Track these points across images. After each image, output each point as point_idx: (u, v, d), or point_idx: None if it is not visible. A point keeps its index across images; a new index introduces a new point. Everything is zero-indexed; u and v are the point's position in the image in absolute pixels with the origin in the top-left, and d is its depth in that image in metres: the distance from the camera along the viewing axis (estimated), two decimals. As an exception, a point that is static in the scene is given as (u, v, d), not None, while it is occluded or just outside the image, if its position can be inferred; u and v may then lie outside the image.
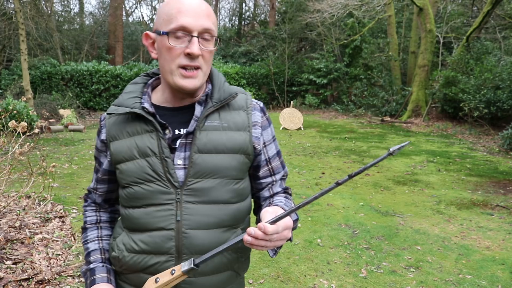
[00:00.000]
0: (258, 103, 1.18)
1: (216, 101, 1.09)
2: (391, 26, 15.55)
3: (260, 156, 1.16)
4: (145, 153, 1.06)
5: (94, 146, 1.21)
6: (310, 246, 3.66)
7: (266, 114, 1.19)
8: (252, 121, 1.13)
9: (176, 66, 1.02)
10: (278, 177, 1.21)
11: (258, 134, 1.14)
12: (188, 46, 1.00)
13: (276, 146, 1.21)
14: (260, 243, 0.90)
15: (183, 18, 0.99)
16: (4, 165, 3.95)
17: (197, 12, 1.00)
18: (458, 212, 4.66)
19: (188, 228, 1.04)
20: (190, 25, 0.99)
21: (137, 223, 1.08)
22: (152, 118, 1.06)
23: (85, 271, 1.17)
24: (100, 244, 1.19)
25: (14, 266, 2.97)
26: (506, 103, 9.89)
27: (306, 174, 6.41)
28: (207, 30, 1.01)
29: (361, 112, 14.94)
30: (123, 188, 1.11)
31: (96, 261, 1.16)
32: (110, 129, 1.11)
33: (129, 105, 1.08)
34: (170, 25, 1.00)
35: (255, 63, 18.77)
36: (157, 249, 1.05)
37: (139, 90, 1.14)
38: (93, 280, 1.12)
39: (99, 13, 23.04)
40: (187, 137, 1.06)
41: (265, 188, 1.20)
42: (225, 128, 1.08)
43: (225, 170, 1.07)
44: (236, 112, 1.12)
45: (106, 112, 1.15)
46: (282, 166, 1.23)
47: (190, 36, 1.00)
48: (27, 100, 10.00)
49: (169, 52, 1.02)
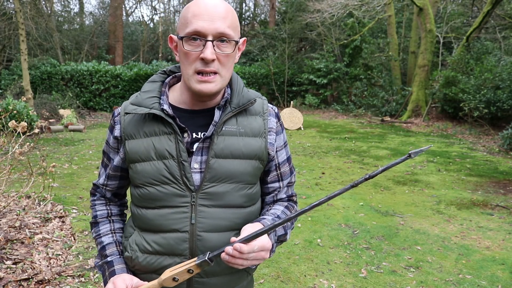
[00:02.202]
0: (273, 108, 1.19)
1: (234, 106, 1.09)
2: (391, 26, 15.55)
3: (271, 161, 1.17)
4: (162, 155, 1.05)
5: (105, 140, 1.20)
6: (310, 246, 3.66)
7: (280, 119, 1.19)
8: (268, 127, 1.14)
9: (193, 71, 1.02)
10: (285, 183, 1.22)
11: (273, 140, 1.15)
12: (202, 51, 0.99)
13: (287, 152, 1.22)
14: (237, 261, 0.94)
15: (197, 22, 0.98)
16: (4, 165, 3.95)
17: (212, 16, 0.98)
18: (458, 212, 4.66)
19: (202, 231, 1.05)
20: (203, 29, 0.98)
21: (150, 224, 1.08)
22: (172, 120, 1.05)
23: (101, 264, 1.16)
24: (114, 237, 1.19)
25: (14, 266, 2.97)
26: (506, 103, 9.89)
27: (306, 174, 6.41)
28: (222, 34, 0.99)
29: (361, 112, 14.94)
30: (136, 188, 1.10)
31: (113, 254, 1.16)
32: (126, 127, 1.10)
33: (148, 105, 1.07)
34: (186, 29, 1.00)
35: (255, 63, 18.76)
36: (171, 251, 1.06)
37: (157, 89, 1.13)
38: (112, 272, 1.12)
39: (99, 13, 23.06)
40: (204, 141, 1.06)
41: (271, 193, 1.21)
42: (242, 133, 1.09)
43: (240, 176, 1.08)
44: (253, 117, 1.12)
45: (121, 108, 1.14)
46: (291, 172, 1.23)
47: (205, 41, 0.99)
48: (27, 100, 10.00)
49: (185, 57, 1.02)
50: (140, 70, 15.06)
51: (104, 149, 1.20)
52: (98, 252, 1.19)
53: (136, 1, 25.51)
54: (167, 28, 23.72)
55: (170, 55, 21.26)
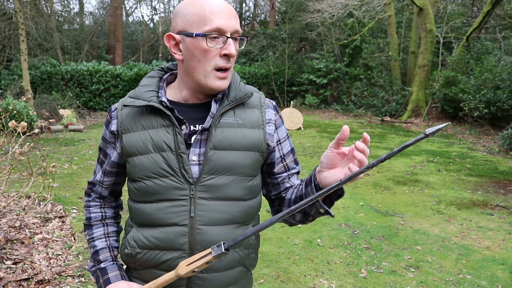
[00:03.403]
0: (271, 102, 1.19)
1: (232, 99, 1.09)
2: (391, 26, 15.55)
3: (274, 153, 1.17)
4: (160, 148, 1.05)
5: (101, 137, 1.19)
6: (310, 246, 3.66)
7: (278, 112, 1.20)
8: (266, 119, 1.14)
9: (212, 68, 1.03)
10: (292, 172, 1.22)
11: (272, 131, 1.14)
12: (225, 47, 1.01)
13: (290, 144, 1.22)
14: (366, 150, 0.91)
15: (218, 19, 0.99)
16: (4, 165, 3.95)
17: (228, 13, 1.01)
18: (458, 212, 4.66)
19: (202, 224, 1.04)
20: (224, 26, 1.00)
21: (148, 218, 1.07)
22: (170, 112, 1.05)
23: (95, 270, 1.16)
24: (108, 241, 1.19)
25: (14, 266, 2.97)
26: (506, 103, 9.89)
27: (306, 174, 6.41)
28: (237, 31, 1.03)
29: (361, 112, 14.94)
30: (134, 182, 1.09)
31: (107, 260, 1.16)
32: (123, 121, 1.10)
33: (146, 98, 1.08)
34: (205, 27, 1.00)
35: (255, 63, 18.75)
36: (170, 245, 1.05)
37: (155, 84, 1.13)
38: (107, 280, 1.12)
39: (99, 13, 23.06)
40: (202, 133, 1.06)
41: (284, 180, 1.20)
42: (240, 125, 1.09)
43: (239, 167, 1.07)
44: (250, 110, 1.13)
45: (118, 103, 1.14)
46: (296, 163, 1.24)
47: (225, 37, 1.01)
48: (27, 100, 10.00)
49: (204, 54, 1.02)
50: (140, 70, 15.06)
51: (100, 146, 1.20)
52: (91, 255, 1.19)
53: (136, 1, 25.51)
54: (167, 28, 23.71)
55: (170, 55, 21.26)
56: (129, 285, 1.10)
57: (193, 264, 0.96)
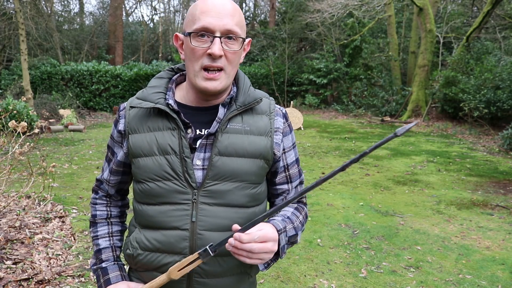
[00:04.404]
0: (281, 109, 1.17)
1: (240, 104, 1.08)
2: (391, 26, 15.55)
3: (278, 162, 1.15)
4: (165, 151, 1.05)
5: (109, 135, 1.19)
6: (310, 246, 3.66)
7: (288, 120, 1.18)
8: (275, 127, 1.12)
9: (199, 67, 1.02)
10: (294, 185, 1.21)
11: (279, 140, 1.13)
12: (210, 47, 1.00)
13: (296, 154, 1.20)
14: (240, 253, 0.92)
15: (206, 18, 0.99)
16: (4, 165, 3.95)
17: (220, 12, 0.99)
18: (458, 212, 4.66)
19: (203, 230, 1.04)
20: (212, 25, 0.98)
21: (151, 220, 1.07)
22: (176, 116, 1.05)
23: (96, 269, 1.17)
24: (111, 241, 1.19)
25: (14, 266, 2.97)
26: (506, 103, 9.89)
27: (306, 174, 6.41)
28: (230, 31, 1.00)
29: (361, 112, 14.95)
30: (138, 183, 1.09)
31: (108, 259, 1.16)
32: (131, 121, 1.10)
33: (154, 100, 1.07)
34: (193, 25, 1.00)
35: (255, 63, 18.77)
36: (171, 249, 1.05)
37: (163, 85, 1.13)
38: (107, 280, 1.13)
39: (99, 13, 23.07)
40: (208, 138, 1.05)
41: (280, 195, 1.20)
42: (247, 132, 1.07)
43: (244, 175, 1.06)
44: (259, 116, 1.11)
45: (127, 103, 1.14)
46: (299, 173, 1.22)
47: (213, 37, 0.99)
48: (27, 100, 10.00)
49: (192, 53, 1.01)
50: (140, 70, 15.06)
51: (108, 143, 1.20)
52: (94, 253, 1.19)
53: (136, 1, 25.52)
54: (167, 28, 23.73)
55: (170, 55, 21.26)
56: (128, 285, 1.11)
57: (185, 269, 0.97)
